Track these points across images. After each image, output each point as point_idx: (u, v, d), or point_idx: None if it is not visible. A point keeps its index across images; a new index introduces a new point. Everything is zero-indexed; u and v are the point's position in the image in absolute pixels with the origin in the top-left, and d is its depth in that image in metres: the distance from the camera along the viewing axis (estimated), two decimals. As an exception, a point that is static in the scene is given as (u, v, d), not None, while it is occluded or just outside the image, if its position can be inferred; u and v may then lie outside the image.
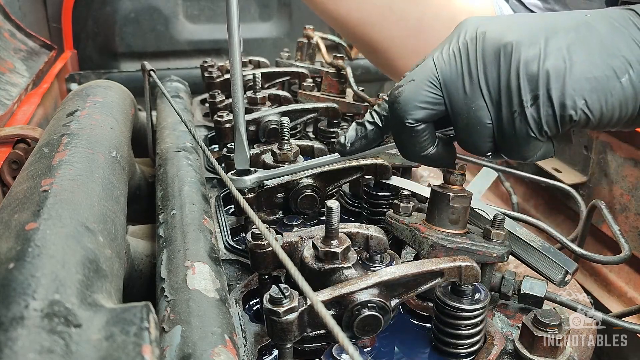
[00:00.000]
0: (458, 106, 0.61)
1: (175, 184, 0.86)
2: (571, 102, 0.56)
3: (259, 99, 1.18)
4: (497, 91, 0.59)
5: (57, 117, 0.84)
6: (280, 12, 2.25)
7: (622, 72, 0.56)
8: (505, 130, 0.60)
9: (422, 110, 0.62)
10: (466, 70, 0.61)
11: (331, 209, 0.62)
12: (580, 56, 0.57)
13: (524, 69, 0.57)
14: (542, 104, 0.57)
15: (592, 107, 0.56)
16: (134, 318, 0.40)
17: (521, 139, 0.60)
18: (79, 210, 0.56)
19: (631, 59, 0.56)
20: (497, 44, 0.59)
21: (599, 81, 0.56)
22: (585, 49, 0.57)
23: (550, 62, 0.56)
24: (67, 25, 1.94)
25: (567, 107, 0.56)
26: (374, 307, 0.60)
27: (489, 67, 0.59)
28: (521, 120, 0.58)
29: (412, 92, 0.62)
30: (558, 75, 0.56)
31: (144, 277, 0.78)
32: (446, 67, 0.62)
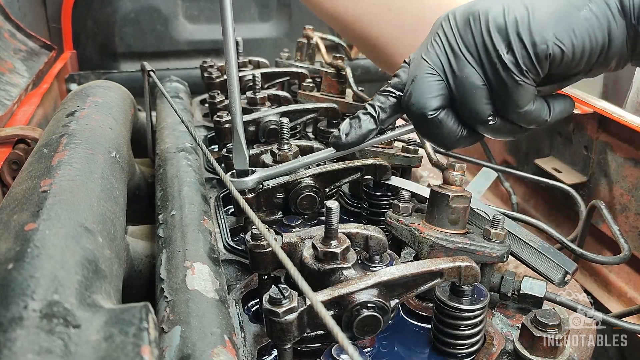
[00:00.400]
0: (455, 80, 0.67)
1: (174, 184, 0.86)
2: (540, 38, 0.62)
3: (259, 99, 1.18)
4: (477, 53, 0.66)
5: (56, 118, 0.84)
6: (280, 12, 2.25)
7: (581, 5, 0.62)
8: (495, 85, 0.66)
9: (435, 98, 0.68)
10: (448, 47, 0.67)
11: (331, 210, 0.62)
12: (540, 1, 0.63)
13: (493, 25, 0.64)
14: (515, 48, 0.63)
15: (561, 38, 0.62)
16: (133, 318, 0.40)
17: (510, 88, 0.65)
18: (78, 211, 0.56)
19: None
20: (466, 15, 0.66)
21: (561, 14, 0.62)
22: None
23: (514, 12, 0.63)
24: (66, 25, 1.94)
25: (538, 43, 0.62)
26: (373, 307, 0.59)
27: (465, 35, 0.66)
28: (504, 69, 0.64)
29: (419, 89, 0.69)
30: (523, 20, 0.63)
31: (143, 278, 0.78)
32: (434, 53, 0.68)
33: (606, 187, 1.48)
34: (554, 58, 0.63)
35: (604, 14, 0.62)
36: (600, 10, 0.62)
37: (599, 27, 0.62)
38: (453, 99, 0.69)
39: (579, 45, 0.62)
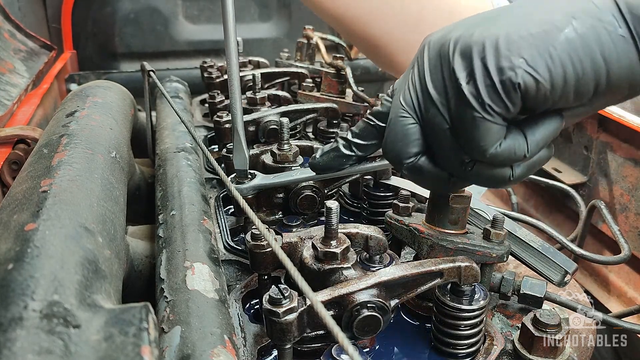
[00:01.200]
0: (424, 123, 0.59)
1: (174, 184, 0.86)
2: (508, 63, 0.50)
3: (259, 99, 1.18)
4: (443, 89, 0.56)
5: (56, 118, 0.84)
6: (280, 12, 2.25)
7: (563, 24, 0.49)
8: (456, 124, 0.56)
9: (411, 144, 0.60)
10: (418, 85, 0.59)
11: (331, 210, 0.62)
12: (513, 20, 0.52)
13: (458, 51, 0.53)
14: (478, 76, 0.51)
15: (534, 64, 0.49)
16: (133, 319, 0.40)
17: (469, 125, 0.54)
18: (78, 211, 0.56)
19: (574, 10, 0.50)
20: (438, 45, 0.57)
21: (536, 37, 0.50)
22: (519, 14, 0.52)
23: (480, 34, 0.52)
24: (66, 25, 1.94)
25: (505, 70, 0.50)
26: (373, 307, 0.59)
27: (433, 69, 0.57)
28: (463, 103, 0.53)
29: (394, 135, 0.61)
30: (491, 43, 0.51)
31: (143, 278, 0.78)
32: (407, 93, 0.60)
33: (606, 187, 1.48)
34: (526, 89, 0.50)
35: (594, 32, 0.49)
36: (588, 27, 0.49)
37: (586, 50, 0.49)
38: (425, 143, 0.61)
39: (557, 73, 0.49)
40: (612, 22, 0.49)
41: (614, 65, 0.49)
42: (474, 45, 0.52)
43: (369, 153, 0.70)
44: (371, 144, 0.68)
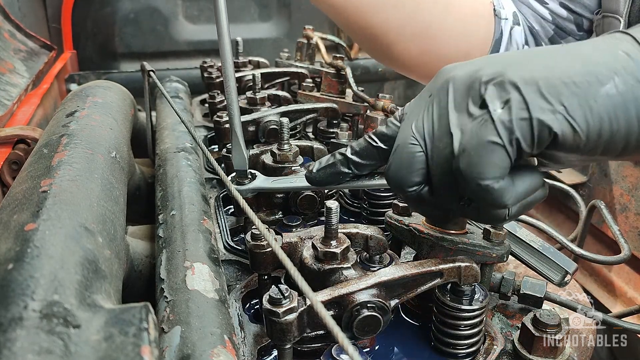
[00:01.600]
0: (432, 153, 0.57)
1: (174, 184, 0.86)
2: (548, 106, 0.49)
3: (259, 99, 1.18)
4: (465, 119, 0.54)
5: (56, 118, 0.84)
6: (280, 12, 2.25)
7: (606, 78, 0.49)
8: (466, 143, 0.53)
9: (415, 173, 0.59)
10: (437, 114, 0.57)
11: (330, 210, 0.62)
12: (556, 63, 0.51)
13: (491, 83, 0.52)
14: (514, 107, 0.50)
15: (573, 114, 0.49)
16: (133, 319, 0.40)
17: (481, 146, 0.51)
18: (78, 211, 0.56)
19: (616, 67, 0.50)
20: (467, 82, 0.55)
21: (579, 86, 0.49)
22: (562, 58, 0.52)
23: (522, 71, 0.51)
24: (66, 25, 1.94)
25: (545, 110, 0.49)
26: (373, 307, 0.59)
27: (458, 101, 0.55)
28: (487, 125, 0.51)
29: (398, 161, 0.60)
30: (531, 80, 0.50)
31: (143, 278, 0.78)
32: (421, 122, 0.58)
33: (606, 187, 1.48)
34: (563, 137, 0.49)
35: (633, 92, 0.49)
36: (628, 87, 0.49)
37: (624, 109, 0.49)
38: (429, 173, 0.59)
39: (595, 126, 0.49)
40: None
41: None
42: (513, 80, 0.50)
43: (366, 172, 0.68)
44: (370, 164, 0.67)
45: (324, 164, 0.69)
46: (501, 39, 1.28)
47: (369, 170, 0.68)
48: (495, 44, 1.27)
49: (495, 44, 1.28)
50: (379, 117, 1.03)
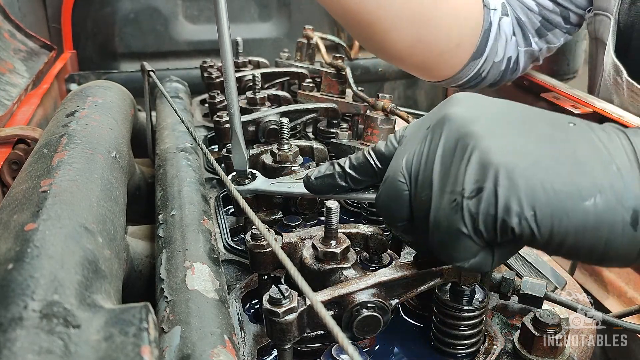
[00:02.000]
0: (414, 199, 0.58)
1: (174, 184, 0.86)
2: (517, 208, 0.47)
3: (259, 99, 1.18)
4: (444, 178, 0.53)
5: (56, 118, 0.84)
6: (280, 12, 2.25)
7: (588, 194, 0.46)
8: (438, 220, 0.53)
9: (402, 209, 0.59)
10: (424, 161, 0.56)
11: (330, 210, 0.62)
12: (544, 162, 0.48)
13: (477, 156, 0.50)
14: (484, 198, 0.49)
15: (540, 223, 0.47)
16: (133, 319, 0.40)
17: (451, 233, 0.52)
18: (78, 211, 0.56)
19: (603, 183, 0.46)
20: (456, 136, 0.53)
21: (558, 195, 0.47)
22: (553, 155, 0.49)
23: (508, 158, 0.49)
24: (66, 25, 1.94)
25: (512, 212, 0.47)
26: (373, 307, 0.60)
27: (444, 159, 0.54)
28: (456, 211, 0.51)
29: (386, 194, 0.60)
30: (512, 174, 0.48)
31: (143, 278, 0.78)
32: (410, 160, 0.58)
33: (606, 187, 1.48)
34: (521, 236, 0.48)
35: (611, 215, 0.46)
36: (609, 208, 0.46)
37: (593, 228, 0.46)
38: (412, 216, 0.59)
39: (558, 238, 0.48)
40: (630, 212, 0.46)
41: (615, 248, 0.47)
42: (495, 166, 0.49)
43: (362, 187, 0.68)
44: (365, 180, 0.67)
45: (322, 173, 0.69)
46: (490, 29, 1.28)
47: (365, 185, 0.68)
48: (484, 34, 1.28)
49: (485, 34, 1.28)
50: (379, 117, 1.03)
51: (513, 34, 1.32)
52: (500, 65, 1.34)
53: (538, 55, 1.38)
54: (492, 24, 1.28)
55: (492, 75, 1.36)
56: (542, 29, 1.32)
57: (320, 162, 1.02)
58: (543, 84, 1.51)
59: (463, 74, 1.33)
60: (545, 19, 1.31)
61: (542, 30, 1.32)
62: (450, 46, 1.25)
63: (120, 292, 0.57)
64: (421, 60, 1.28)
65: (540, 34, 1.33)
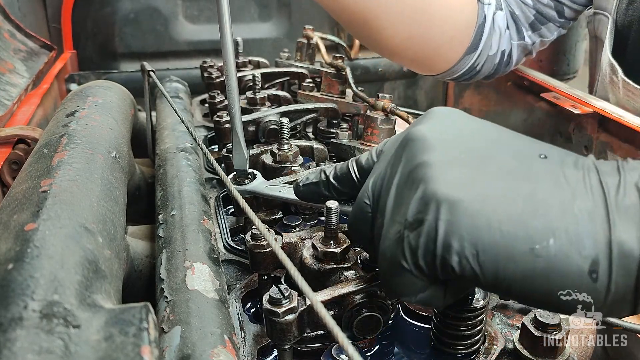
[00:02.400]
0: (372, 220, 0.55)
1: (174, 184, 0.86)
2: (458, 247, 0.43)
3: (259, 99, 1.18)
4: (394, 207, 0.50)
5: (56, 118, 0.84)
6: (280, 12, 2.25)
7: (540, 238, 0.41)
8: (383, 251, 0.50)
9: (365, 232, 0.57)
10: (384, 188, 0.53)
11: (330, 210, 0.62)
12: (494, 198, 0.44)
13: (422, 188, 0.46)
14: (424, 231, 0.45)
15: (483, 265, 0.43)
16: (133, 319, 0.40)
17: (394, 268, 0.49)
18: (78, 211, 0.56)
19: (558, 225, 0.41)
20: (418, 158, 0.49)
21: (505, 237, 0.42)
22: (506, 193, 0.44)
23: (454, 191, 0.45)
24: (66, 25, 1.94)
25: (452, 250, 0.44)
26: (373, 307, 0.59)
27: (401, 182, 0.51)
28: (399, 243, 0.47)
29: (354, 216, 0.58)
30: (455, 208, 0.44)
31: (143, 278, 0.78)
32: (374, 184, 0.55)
33: (606, 187, 1.47)
34: (461, 275, 0.44)
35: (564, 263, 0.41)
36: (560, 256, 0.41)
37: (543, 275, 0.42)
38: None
39: (503, 283, 0.43)
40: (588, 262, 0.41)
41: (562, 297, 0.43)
42: (437, 198, 0.45)
43: (344, 198, 0.65)
44: (346, 192, 0.64)
45: (309, 180, 0.67)
46: (484, 23, 1.29)
47: (346, 197, 0.65)
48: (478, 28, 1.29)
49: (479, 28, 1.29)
50: (379, 117, 1.03)
51: (507, 28, 1.33)
52: (494, 58, 1.36)
53: (531, 48, 1.39)
54: (487, 19, 1.29)
55: (486, 69, 1.38)
56: (536, 23, 1.33)
57: (321, 163, 1.02)
58: (543, 84, 1.51)
59: (458, 67, 1.35)
60: (539, 12, 1.32)
61: (536, 24, 1.33)
62: (445, 41, 1.27)
63: (120, 292, 0.57)
64: (416, 54, 1.30)
65: (534, 27, 1.34)
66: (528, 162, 0.46)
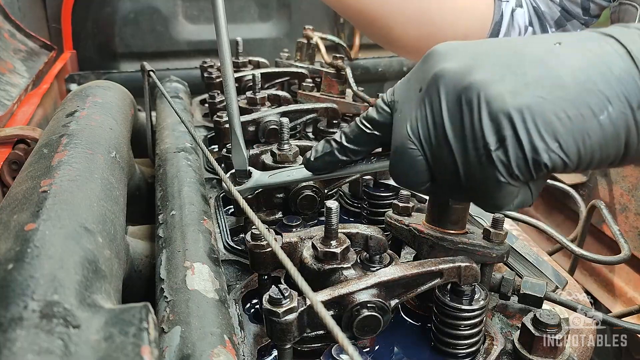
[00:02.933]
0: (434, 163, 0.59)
1: (174, 184, 0.86)
2: (543, 145, 0.50)
3: (259, 99, 1.18)
4: (462, 140, 0.54)
5: (56, 118, 0.84)
6: (280, 12, 2.25)
7: (600, 110, 0.49)
8: (473, 177, 0.55)
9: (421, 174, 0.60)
10: (432, 125, 0.57)
11: (330, 210, 0.62)
12: (550, 92, 0.50)
13: (486, 110, 0.51)
14: (510, 147, 0.51)
15: (567, 150, 0.50)
16: (133, 319, 0.40)
17: (491, 185, 0.54)
18: (78, 211, 0.56)
19: (609, 94, 0.49)
20: (459, 89, 0.54)
21: (574, 121, 0.49)
22: (555, 82, 0.50)
23: (516, 101, 0.50)
24: (66, 25, 1.94)
25: (539, 150, 0.50)
26: (373, 307, 0.59)
27: (452, 116, 0.55)
28: (488, 164, 0.53)
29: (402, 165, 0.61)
30: (526, 115, 0.50)
31: (143, 278, 0.78)
32: (415, 128, 0.58)
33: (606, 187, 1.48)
34: (553, 168, 0.51)
35: (625, 119, 0.49)
36: (621, 116, 0.49)
37: (614, 137, 0.50)
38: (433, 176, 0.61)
39: (586, 158, 0.51)
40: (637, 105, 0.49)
41: (632, 149, 0.51)
42: (506, 113, 0.50)
43: (363, 157, 0.69)
44: (363, 150, 0.67)
45: (320, 152, 0.69)
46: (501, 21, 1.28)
47: (364, 155, 0.68)
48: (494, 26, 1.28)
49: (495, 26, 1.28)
50: (379, 117, 1.03)
51: (530, 24, 1.32)
52: None
53: None
54: (504, 16, 1.27)
55: None
56: (562, 19, 1.32)
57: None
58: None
59: None
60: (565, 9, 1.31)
61: (562, 20, 1.32)
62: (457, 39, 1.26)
63: (120, 292, 0.57)
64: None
65: (559, 24, 1.33)
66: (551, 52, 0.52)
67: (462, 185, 0.57)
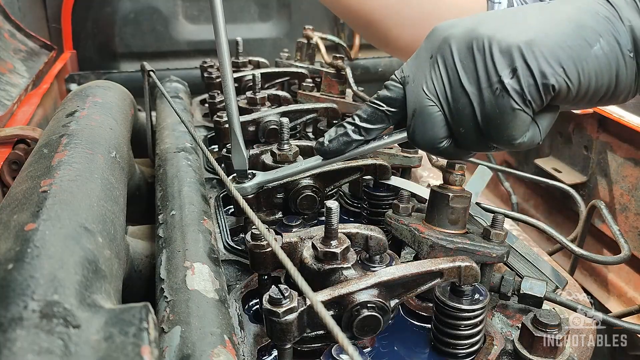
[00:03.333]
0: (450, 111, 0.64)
1: (174, 184, 0.86)
2: (550, 70, 0.58)
3: (259, 99, 1.18)
4: (476, 80, 0.61)
5: (56, 118, 0.84)
6: (280, 12, 2.25)
7: (593, 41, 0.58)
8: (491, 114, 0.61)
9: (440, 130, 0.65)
10: (446, 78, 0.63)
11: (331, 210, 0.62)
12: (551, 29, 0.59)
13: (497, 48, 0.60)
14: (522, 75, 0.59)
15: (570, 75, 0.58)
16: (133, 319, 0.40)
17: (507, 117, 0.61)
18: (78, 211, 0.56)
19: (599, 30, 0.58)
20: (469, 41, 0.62)
21: (573, 49, 0.58)
22: (554, 23, 0.59)
23: (523, 36, 0.59)
24: (66, 25, 1.94)
25: (548, 75, 0.58)
26: (373, 307, 0.59)
27: (466, 65, 0.62)
28: (505, 95, 0.60)
29: (423, 125, 0.66)
30: (533, 47, 0.58)
31: (143, 278, 0.78)
32: (432, 85, 0.64)
33: (606, 187, 1.48)
34: (558, 93, 0.59)
35: (614, 53, 0.59)
36: (611, 48, 0.58)
37: (607, 67, 0.59)
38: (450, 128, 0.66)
39: (584, 83, 0.59)
40: (627, 45, 0.59)
41: (622, 81, 0.60)
42: (516, 46, 0.59)
43: (376, 135, 0.72)
44: (378, 128, 0.71)
45: (334, 135, 0.73)
46: None
47: (378, 133, 0.72)
48: None
49: None
50: (379, 117, 1.03)
51: None
52: None
53: None
54: None
55: None
56: None
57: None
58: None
59: None
60: None
61: None
62: None
63: (120, 292, 0.57)
64: None
65: None
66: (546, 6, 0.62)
67: (479, 127, 0.63)
